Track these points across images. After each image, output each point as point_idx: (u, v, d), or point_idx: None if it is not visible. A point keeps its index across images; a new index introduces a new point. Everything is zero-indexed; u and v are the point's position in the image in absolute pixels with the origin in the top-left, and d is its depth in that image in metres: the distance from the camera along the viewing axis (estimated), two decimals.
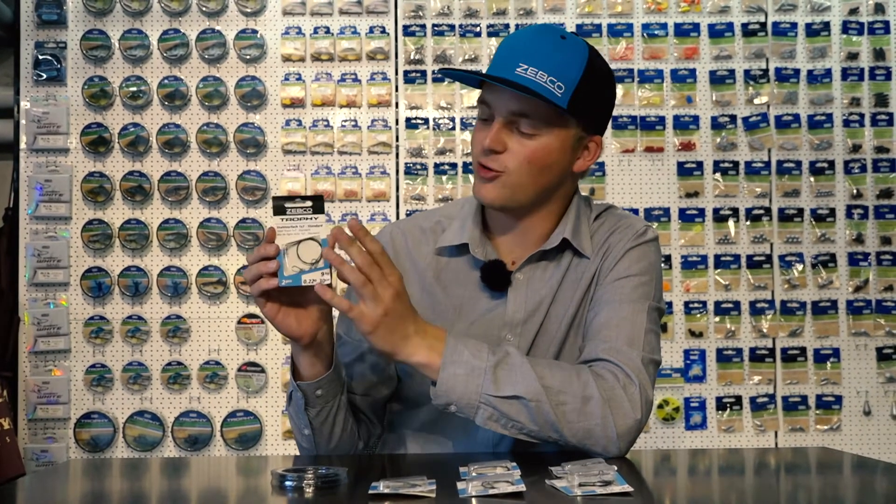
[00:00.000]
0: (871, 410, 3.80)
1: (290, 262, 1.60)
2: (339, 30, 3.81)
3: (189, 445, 3.66)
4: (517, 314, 1.85)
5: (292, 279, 1.59)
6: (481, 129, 1.82)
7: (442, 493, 1.33)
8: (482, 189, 1.81)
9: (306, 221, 1.61)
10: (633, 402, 1.67)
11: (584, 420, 1.64)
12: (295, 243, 1.60)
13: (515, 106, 1.78)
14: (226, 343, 3.72)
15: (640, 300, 1.82)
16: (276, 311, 1.65)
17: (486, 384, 1.63)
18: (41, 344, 3.66)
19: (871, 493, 1.50)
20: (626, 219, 1.94)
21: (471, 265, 1.90)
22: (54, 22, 3.76)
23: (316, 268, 1.60)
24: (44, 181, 3.69)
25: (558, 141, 1.81)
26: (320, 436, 1.80)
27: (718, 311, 3.79)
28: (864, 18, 3.88)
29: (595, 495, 1.31)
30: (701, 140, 3.83)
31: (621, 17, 3.85)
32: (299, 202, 1.61)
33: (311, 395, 1.74)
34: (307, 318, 1.67)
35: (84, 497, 1.59)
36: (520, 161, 1.78)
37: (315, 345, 1.70)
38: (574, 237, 1.86)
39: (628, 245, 1.87)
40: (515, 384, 1.63)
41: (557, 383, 1.65)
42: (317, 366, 1.73)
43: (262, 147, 3.75)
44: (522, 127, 1.78)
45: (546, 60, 1.78)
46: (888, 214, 3.84)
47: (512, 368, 1.65)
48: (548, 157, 1.81)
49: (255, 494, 1.57)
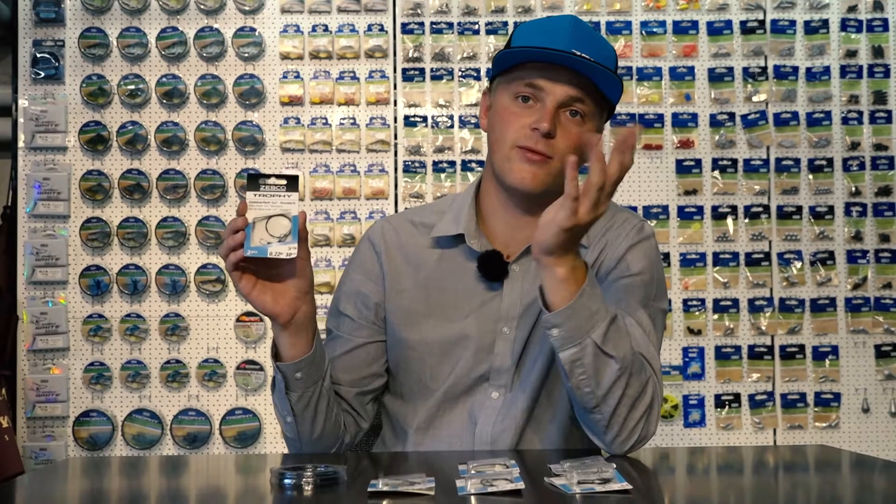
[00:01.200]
0: (869, 408, 3.80)
1: (258, 235, 1.62)
2: (338, 27, 3.80)
3: (188, 444, 3.66)
4: (514, 307, 1.85)
5: (258, 250, 1.61)
6: (521, 112, 1.80)
7: (441, 490, 1.34)
8: (523, 172, 1.79)
9: (279, 198, 1.63)
10: (657, 412, 1.73)
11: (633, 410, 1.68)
12: (265, 217, 1.62)
13: (574, 91, 1.78)
14: (224, 341, 3.72)
15: (644, 301, 1.82)
16: (252, 287, 1.66)
17: (598, 332, 1.64)
18: (40, 342, 3.66)
19: (870, 491, 1.51)
20: (621, 213, 1.94)
21: (466, 257, 1.89)
22: (52, 20, 3.75)
23: (283, 241, 1.62)
24: (42, 179, 3.68)
25: (594, 127, 1.85)
26: (303, 423, 1.78)
27: (717, 308, 3.79)
28: (863, 16, 3.88)
29: (594, 493, 1.31)
30: (699, 138, 3.84)
31: (620, 14, 3.85)
32: (273, 179, 1.63)
33: (290, 378, 1.74)
34: (284, 296, 1.68)
35: (83, 495, 1.59)
36: (569, 146, 1.78)
37: (294, 325, 1.71)
38: None
39: (628, 242, 1.87)
40: (617, 347, 1.65)
41: (635, 366, 1.68)
42: (297, 347, 1.73)
43: (260, 145, 3.75)
44: (575, 108, 1.79)
45: (596, 49, 1.80)
46: (887, 212, 3.84)
47: (619, 330, 1.67)
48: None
49: (254, 492, 1.57)
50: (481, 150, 3.79)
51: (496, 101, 1.87)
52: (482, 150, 3.79)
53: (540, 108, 1.78)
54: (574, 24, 1.84)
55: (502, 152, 1.82)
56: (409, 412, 1.91)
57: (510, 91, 1.82)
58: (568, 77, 1.77)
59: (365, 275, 1.95)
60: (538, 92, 1.79)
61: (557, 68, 1.77)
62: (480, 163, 3.75)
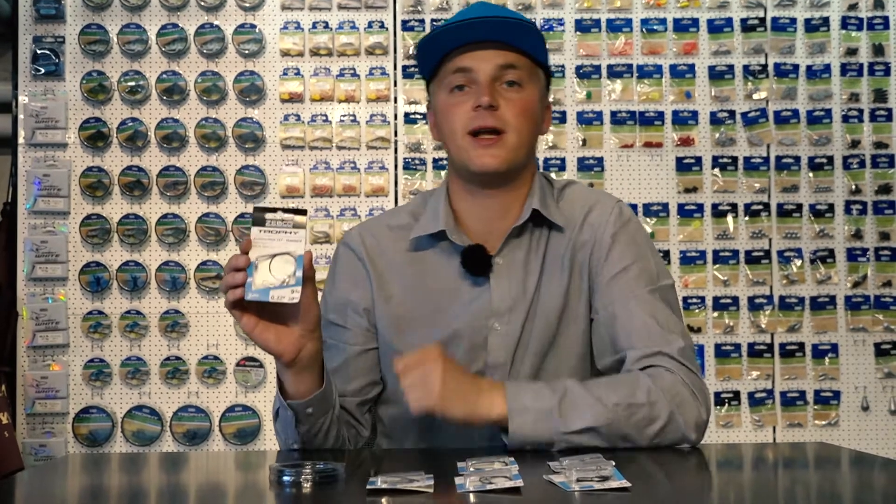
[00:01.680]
0: (869, 406, 3.81)
1: (260, 277, 1.56)
2: (338, 24, 3.80)
3: (188, 440, 3.66)
4: (503, 302, 1.84)
5: (259, 294, 1.56)
6: (460, 100, 1.80)
7: (439, 487, 1.33)
8: (483, 157, 1.79)
9: (285, 235, 1.57)
10: (695, 397, 1.71)
11: (655, 424, 1.66)
12: (269, 257, 1.56)
13: (502, 58, 1.78)
14: (224, 338, 3.73)
15: (648, 288, 1.81)
16: (254, 325, 1.61)
17: (556, 424, 1.63)
18: (40, 339, 3.66)
19: (869, 489, 1.50)
20: (596, 200, 1.91)
21: (448, 255, 1.87)
22: (52, 16, 3.75)
23: (286, 284, 1.56)
24: (42, 176, 3.69)
25: (537, 93, 1.85)
26: (311, 445, 1.77)
27: (717, 306, 3.80)
28: (864, 14, 3.88)
29: (593, 490, 1.30)
30: (700, 135, 3.84)
31: (620, 12, 3.85)
32: (280, 214, 1.57)
33: (301, 413, 1.71)
34: (287, 336, 1.63)
35: (82, 492, 1.59)
36: (516, 114, 1.78)
37: (299, 364, 1.66)
38: (543, 208, 1.85)
39: (611, 231, 1.85)
40: (584, 416, 1.63)
41: (622, 397, 1.65)
42: (303, 384, 1.69)
43: (260, 142, 3.76)
44: (510, 77, 1.79)
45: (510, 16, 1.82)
46: (887, 210, 3.84)
47: (575, 401, 1.64)
48: (535, 110, 1.83)
49: (254, 489, 1.57)
50: None
51: (436, 104, 1.87)
52: None
53: (476, 90, 1.78)
54: (482, 5, 1.86)
55: (456, 144, 1.82)
56: (406, 418, 1.88)
57: (444, 87, 1.83)
58: (491, 50, 1.78)
59: (352, 283, 1.92)
60: (469, 74, 1.79)
61: (478, 46, 1.78)
62: None
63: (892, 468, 1.57)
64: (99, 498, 1.53)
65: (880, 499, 1.41)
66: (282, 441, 1.81)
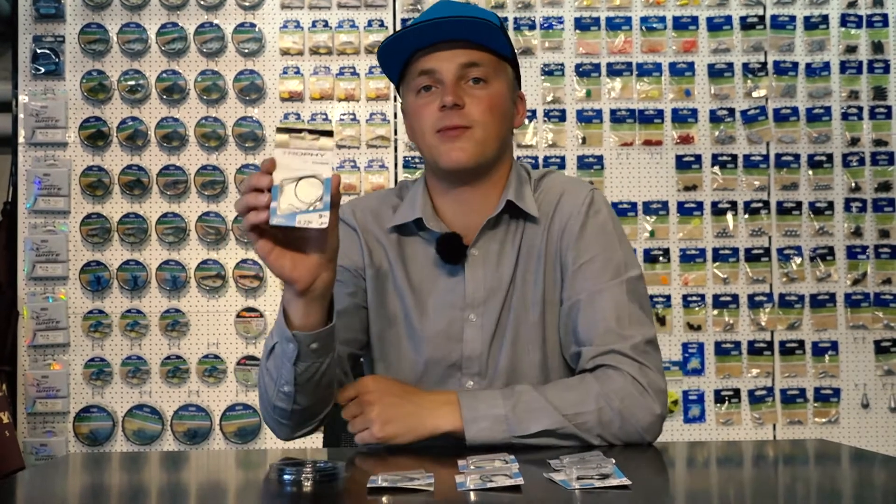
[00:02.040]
0: (869, 403, 3.82)
1: (286, 200, 1.46)
2: (338, 23, 3.81)
3: (188, 439, 3.67)
4: (477, 293, 1.84)
5: (285, 218, 1.46)
6: (427, 101, 1.80)
7: (440, 486, 1.34)
8: (451, 152, 1.78)
9: (311, 157, 1.47)
10: (647, 398, 1.71)
11: (607, 428, 1.68)
12: (294, 179, 1.46)
13: (464, 57, 1.78)
14: (225, 337, 3.73)
15: (613, 281, 1.80)
16: (270, 250, 1.53)
17: (512, 428, 1.65)
18: (40, 338, 3.67)
19: (869, 486, 1.50)
20: (568, 188, 1.90)
21: (427, 242, 1.88)
22: (52, 16, 3.76)
23: (314, 209, 1.46)
24: (42, 175, 3.70)
25: (505, 87, 1.84)
26: (301, 394, 1.68)
27: (717, 304, 3.81)
28: (863, 11, 3.89)
29: (593, 488, 1.31)
30: (699, 133, 3.84)
31: (620, 10, 3.86)
32: (306, 135, 1.47)
33: (304, 348, 1.61)
34: (304, 263, 1.54)
35: (83, 491, 1.59)
36: (482, 111, 1.78)
37: (312, 293, 1.57)
38: (518, 200, 1.85)
39: (580, 220, 1.84)
40: (539, 419, 1.65)
41: (570, 406, 1.67)
42: (310, 317, 1.60)
43: (260, 141, 3.76)
44: (475, 74, 1.79)
45: (466, 11, 1.82)
46: (886, 207, 3.85)
47: (529, 406, 1.66)
48: (503, 104, 1.83)
49: (254, 488, 1.57)
50: None
51: (406, 106, 1.88)
52: None
53: (441, 89, 1.79)
54: (444, 4, 1.86)
55: (426, 143, 1.82)
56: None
57: (412, 89, 1.83)
58: (454, 49, 1.78)
59: (348, 245, 1.89)
60: (434, 75, 1.79)
61: (441, 46, 1.78)
62: None
63: (892, 465, 1.58)
64: (100, 497, 1.53)
65: (881, 496, 1.41)
66: (268, 386, 1.71)
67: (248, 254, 3.72)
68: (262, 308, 3.72)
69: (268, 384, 1.71)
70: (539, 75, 3.83)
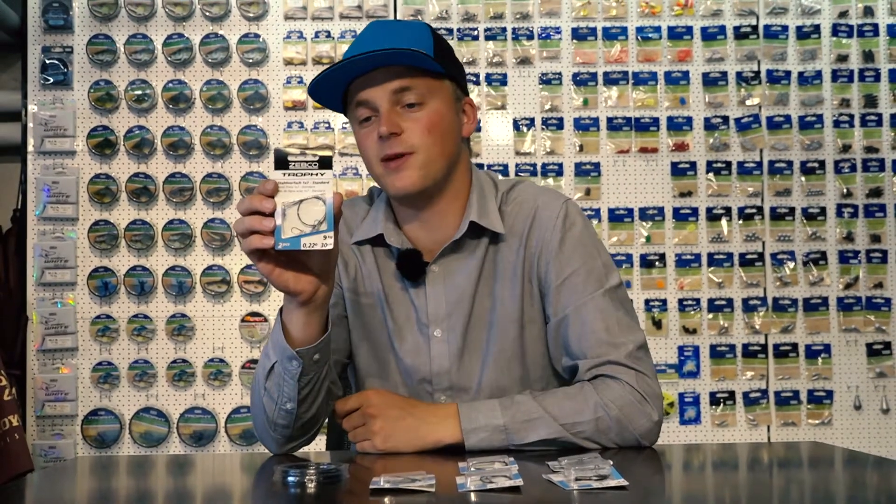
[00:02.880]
0: (861, 405, 3.84)
1: (290, 224, 1.45)
2: (340, 34, 3.84)
3: (194, 442, 3.71)
4: (439, 309, 1.84)
5: (290, 242, 1.46)
6: (369, 131, 1.78)
7: (441, 487, 1.35)
8: (396, 180, 1.77)
9: (311, 178, 1.46)
10: (644, 401, 1.71)
11: (604, 435, 1.69)
12: (297, 202, 1.46)
13: (395, 83, 1.75)
14: (230, 341, 3.77)
15: (597, 291, 1.79)
16: (272, 269, 1.55)
17: (511, 437, 1.67)
18: (49, 342, 3.70)
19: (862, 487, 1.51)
20: (542, 202, 1.88)
21: (389, 258, 1.88)
22: (61, 27, 3.80)
23: (317, 230, 1.46)
24: (51, 183, 3.73)
25: (444, 104, 1.81)
26: (302, 409, 1.70)
27: (712, 308, 3.83)
28: (854, 21, 3.92)
29: (591, 489, 1.32)
30: (694, 141, 3.88)
31: (616, 20, 3.89)
32: (305, 156, 1.46)
33: (308, 361, 1.63)
34: (306, 276, 1.57)
35: (91, 493, 1.60)
36: (421, 132, 1.76)
37: (313, 303, 1.59)
38: (481, 218, 1.83)
39: (558, 237, 1.83)
40: (537, 429, 1.67)
41: (568, 415, 1.68)
42: (311, 327, 1.62)
43: (264, 149, 3.80)
44: (408, 100, 1.77)
45: (398, 36, 1.78)
46: (877, 213, 3.88)
47: (528, 417, 1.68)
48: (443, 122, 1.79)
49: (259, 490, 1.58)
50: (480, 154, 3.85)
51: (355, 135, 1.85)
52: (481, 154, 3.85)
53: (378, 118, 1.77)
54: (373, 26, 1.84)
55: (374, 172, 1.80)
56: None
57: (354, 120, 1.81)
58: (384, 76, 1.75)
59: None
60: (368, 104, 1.77)
61: (372, 75, 1.76)
62: (479, 165, 3.80)
63: (885, 467, 1.59)
64: (107, 500, 1.54)
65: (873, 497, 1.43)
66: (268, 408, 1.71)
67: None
68: (266, 313, 3.75)
69: (266, 404, 1.71)
70: (537, 84, 3.87)
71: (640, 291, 3.83)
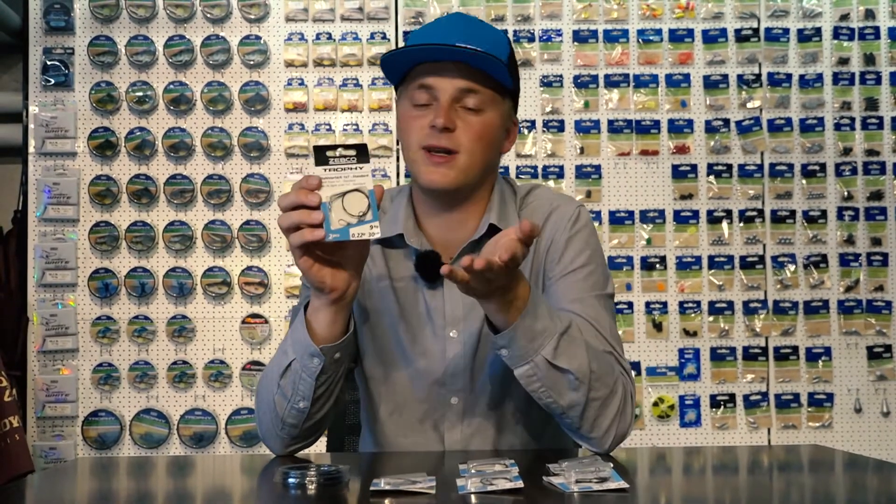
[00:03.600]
0: (861, 408, 3.84)
1: (336, 216, 1.50)
2: (341, 36, 3.85)
3: (194, 443, 3.71)
4: (456, 309, 1.83)
5: (340, 233, 1.50)
6: (420, 115, 1.79)
7: (442, 489, 1.36)
8: (432, 174, 1.78)
9: (351, 171, 1.51)
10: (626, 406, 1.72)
11: (602, 411, 1.67)
12: (340, 195, 1.50)
13: (464, 82, 1.77)
14: (230, 342, 3.77)
15: (595, 293, 1.81)
16: (311, 265, 1.58)
17: (548, 348, 1.62)
18: (49, 343, 3.70)
19: (862, 490, 1.52)
20: (558, 204, 1.91)
21: (407, 258, 1.87)
22: (62, 28, 3.80)
23: (363, 220, 1.51)
24: (52, 184, 3.73)
25: (499, 117, 1.83)
26: (314, 408, 1.71)
27: (712, 310, 3.83)
28: (855, 24, 3.92)
29: (591, 492, 1.33)
30: (695, 143, 3.88)
31: (617, 23, 3.90)
32: (342, 150, 1.51)
33: (329, 359, 1.66)
34: (340, 273, 1.61)
35: (92, 494, 1.61)
36: (471, 137, 1.77)
37: (344, 300, 1.64)
38: (501, 221, 1.84)
39: (566, 235, 1.85)
40: (571, 358, 1.63)
41: (598, 369, 1.67)
42: (337, 324, 1.65)
43: (265, 150, 3.80)
44: (470, 103, 1.78)
45: (481, 38, 1.78)
46: (878, 216, 3.88)
47: (572, 341, 1.65)
48: (493, 134, 1.82)
49: (260, 491, 1.58)
50: None
51: (399, 109, 1.86)
52: None
53: (436, 107, 1.77)
54: (458, 18, 1.84)
55: (410, 156, 1.81)
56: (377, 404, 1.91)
57: (407, 97, 1.82)
58: (456, 71, 1.76)
59: None
60: (431, 91, 1.78)
61: (445, 65, 1.76)
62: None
63: (885, 470, 1.60)
64: (108, 501, 1.55)
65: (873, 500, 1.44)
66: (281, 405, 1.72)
67: (253, 261, 3.77)
68: (266, 314, 3.76)
69: (278, 402, 1.72)
70: (538, 86, 3.87)
71: (640, 294, 3.83)
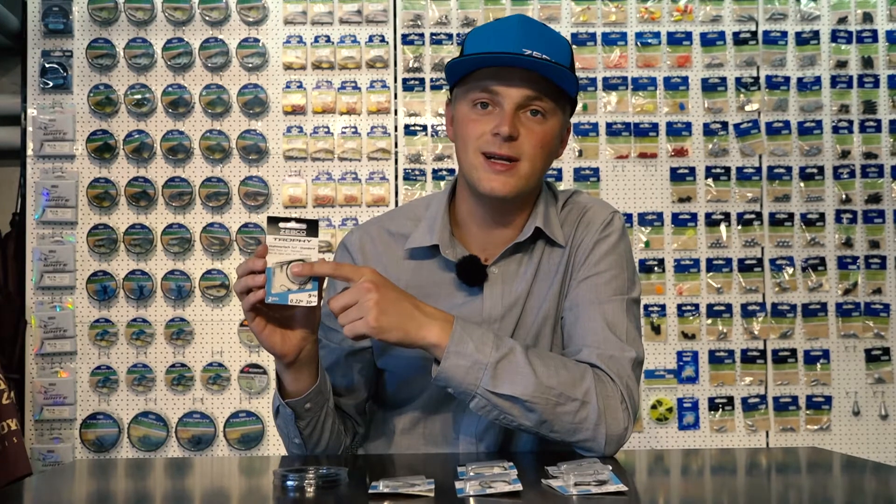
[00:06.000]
0: (859, 411, 3.85)
1: (279, 281, 1.60)
2: (340, 39, 3.86)
3: (192, 446, 3.71)
4: (494, 310, 1.84)
5: (279, 297, 1.61)
6: (481, 119, 1.79)
7: (440, 492, 1.36)
8: (493, 182, 1.77)
9: (299, 243, 1.61)
10: (625, 412, 1.71)
11: (578, 423, 1.67)
12: (285, 263, 1.61)
13: (530, 91, 1.76)
14: (228, 345, 3.77)
15: (616, 297, 1.82)
16: (263, 327, 1.67)
17: (486, 379, 1.64)
18: (48, 346, 3.70)
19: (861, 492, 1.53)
20: (591, 207, 1.92)
21: (443, 266, 1.88)
22: (60, 31, 3.81)
23: (304, 289, 1.61)
24: (50, 187, 3.74)
25: (559, 126, 1.83)
26: (310, 442, 1.83)
27: (711, 313, 3.84)
28: (853, 27, 3.93)
29: (590, 494, 1.33)
30: (693, 146, 3.89)
31: (615, 26, 3.91)
32: (294, 223, 1.61)
33: (300, 410, 1.77)
34: (292, 338, 1.69)
35: (90, 497, 1.61)
36: (534, 145, 1.77)
37: (298, 362, 1.72)
38: (546, 226, 1.86)
39: (595, 238, 1.86)
40: (514, 384, 1.64)
41: (558, 384, 1.66)
42: (300, 382, 1.75)
43: (263, 153, 3.81)
44: (535, 108, 1.78)
45: (547, 45, 1.78)
46: (876, 219, 3.89)
47: (513, 367, 1.65)
48: (553, 142, 1.82)
49: (258, 494, 1.59)
50: None
51: (457, 110, 1.85)
52: None
53: (499, 113, 1.77)
54: (523, 22, 1.82)
55: (468, 160, 1.80)
56: (394, 416, 1.93)
57: (468, 99, 1.81)
58: (522, 78, 1.75)
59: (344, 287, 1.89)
60: (495, 96, 1.77)
61: (511, 70, 1.75)
62: None
63: (883, 472, 1.60)
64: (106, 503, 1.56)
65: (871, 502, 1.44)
66: (284, 438, 1.87)
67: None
68: None
69: (282, 437, 1.88)
70: None
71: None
